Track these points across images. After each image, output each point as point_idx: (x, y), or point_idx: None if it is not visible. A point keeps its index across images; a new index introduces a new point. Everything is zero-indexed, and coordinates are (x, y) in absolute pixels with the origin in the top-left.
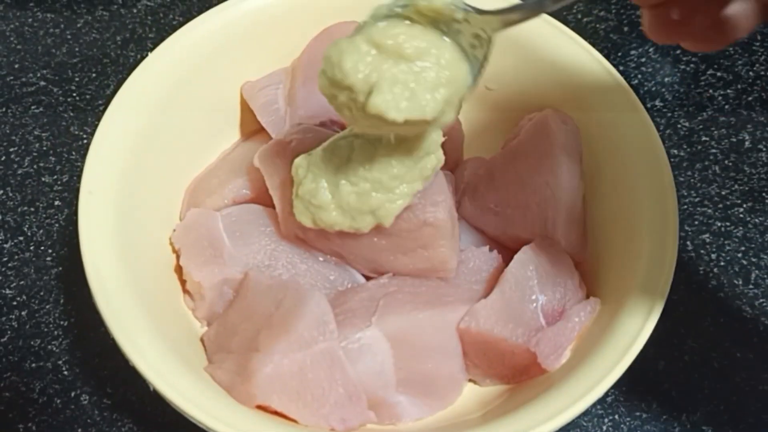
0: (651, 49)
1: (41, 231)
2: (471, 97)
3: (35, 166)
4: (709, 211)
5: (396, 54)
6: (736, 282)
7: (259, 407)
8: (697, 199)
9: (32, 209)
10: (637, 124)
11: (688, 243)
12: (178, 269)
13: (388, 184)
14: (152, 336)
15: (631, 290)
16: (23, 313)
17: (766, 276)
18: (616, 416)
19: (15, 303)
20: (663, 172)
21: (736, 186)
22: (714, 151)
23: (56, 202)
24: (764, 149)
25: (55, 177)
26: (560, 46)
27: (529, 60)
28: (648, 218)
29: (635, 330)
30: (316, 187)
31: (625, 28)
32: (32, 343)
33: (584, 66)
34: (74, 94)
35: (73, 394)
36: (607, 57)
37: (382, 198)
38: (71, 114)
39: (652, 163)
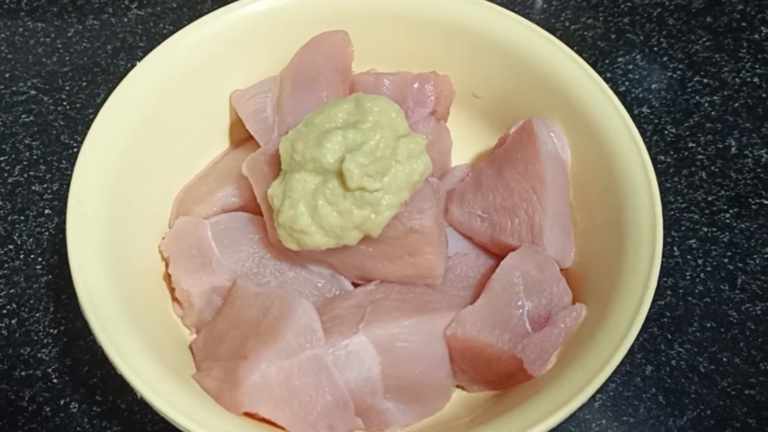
0: (638, 57)
1: (31, 239)
2: (459, 104)
3: (25, 175)
4: (696, 216)
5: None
6: (722, 287)
7: (247, 414)
8: (683, 205)
9: (22, 218)
10: (622, 131)
11: (675, 248)
12: (167, 277)
13: (370, 199)
14: (140, 344)
15: (616, 296)
16: (13, 321)
17: (752, 281)
18: (604, 421)
19: (5, 311)
20: (648, 178)
21: (723, 192)
22: (700, 157)
23: (46, 211)
24: (750, 155)
25: (46, 185)
26: (546, 54)
27: (516, 68)
28: (633, 224)
29: (620, 335)
30: (295, 213)
31: (613, 36)
32: (22, 351)
33: (570, 74)
34: (65, 103)
35: (62, 402)
36: (594, 64)
37: (366, 213)
38: (62, 123)
39: (636, 169)
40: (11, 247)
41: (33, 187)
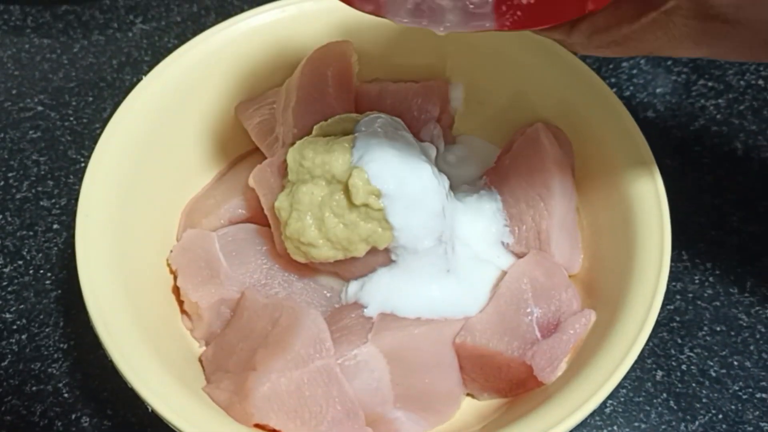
0: (642, 61)
1: (40, 255)
2: (463, 112)
3: (33, 191)
4: (703, 220)
5: None
6: (731, 290)
7: (257, 426)
8: (691, 209)
9: (31, 233)
10: (628, 136)
11: (683, 253)
12: (176, 290)
13: (375, 215)
14: (150, 357)
15: (625, 301)
16: (23, 336)
17: (761, 284)
18: (615, 427)
19: (15, 327)
20: (654, 183)
21: (730, 195)
22: (707, 160)
23: (55, 226)
24: (756, 158)
25: (54, 201)
26: (550, 60)
27: (521, 75)
28: (641, 229)
29: (629, 340)
30: (302, 225)
31: None
32: (32, 366)
33: (574, 79)
34: (71, 119)
35: (73, 416)
36: (598, 69)
37: (373, 226)
38: (69, 138)
39: (643, 174)
40: (20, 262)
41: (41, 203)
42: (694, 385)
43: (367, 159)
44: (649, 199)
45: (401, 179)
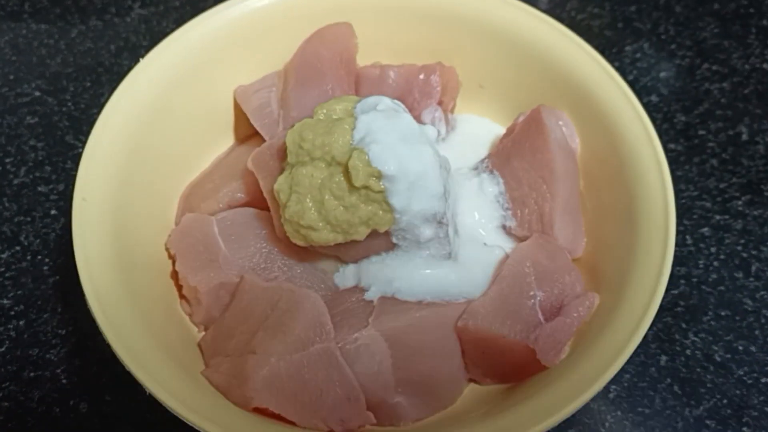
0: (646, 45)
1: (38, 240)
2: (465, 95)
3: (31, 176)
4: (708, 204)
5: None
6: (736, 275)
7: (257, 410)
8: (695, 193)
9: (28, 219)
10: (633, 119)
11: (688, 237)
12: (174, 275)
13: (376, 197)
14: (148, 342)
15: (629, 285)
16: (21, 322)
17: (766, 268)
18: (619, 412)
19: (13, 313)
20: (659, 166)
21: (735, 179)
22: (711, 144)
23: (52, 212)
24: (761, 141)
25: (51, 186)
26: (553, 42)
27: (523, 57)
28: (645, 212)
29: (633, 324)
30: (302, 208)
31: (620, 25)
32: (30, 352)
33: (578, 61)
34: (69, 104)
35: (72, 402)
36: (602, 53)
37: (373, 209)
38: (66, 123)
39: (648, 157)
40: (18, 248)
41: (38, 188)
42: (698, 370)
43: (367, 140)
44: (654, 182)
45: (402, 161)
